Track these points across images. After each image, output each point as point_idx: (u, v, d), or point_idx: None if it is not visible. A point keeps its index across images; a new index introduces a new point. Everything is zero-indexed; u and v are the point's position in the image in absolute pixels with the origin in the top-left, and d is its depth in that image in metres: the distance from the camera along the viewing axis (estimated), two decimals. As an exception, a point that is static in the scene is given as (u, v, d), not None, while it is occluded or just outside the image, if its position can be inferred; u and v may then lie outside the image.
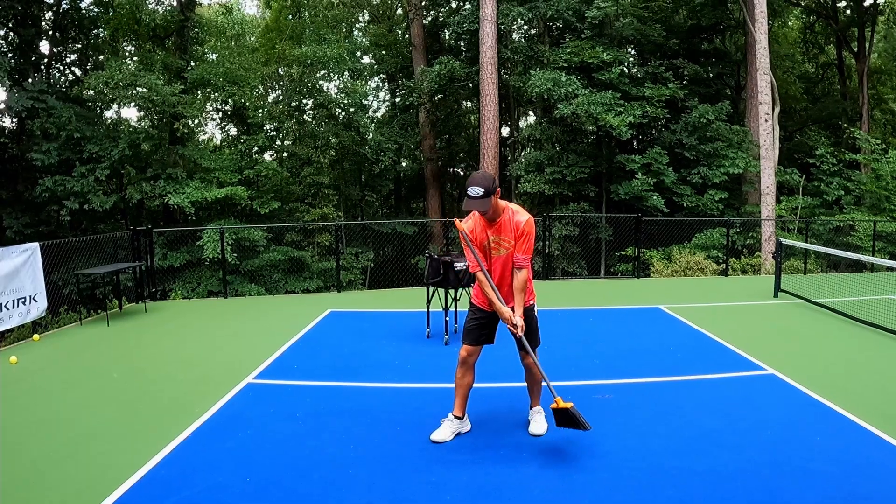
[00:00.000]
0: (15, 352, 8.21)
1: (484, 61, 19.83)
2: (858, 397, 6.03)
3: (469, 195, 4.62)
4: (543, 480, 4.44)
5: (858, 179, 22.07)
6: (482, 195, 4.59)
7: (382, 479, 4.48)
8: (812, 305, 10.80)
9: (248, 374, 6.96)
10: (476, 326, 5.08)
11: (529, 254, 4.87)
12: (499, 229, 4.85)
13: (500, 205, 4.82)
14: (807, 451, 4.87)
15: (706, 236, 19.10)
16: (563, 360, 7.35)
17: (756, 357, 7.47)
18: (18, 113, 18.19)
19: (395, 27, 29.79)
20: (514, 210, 4.86)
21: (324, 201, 22.56)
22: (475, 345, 5.07)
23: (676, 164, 20.74)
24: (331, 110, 22.75)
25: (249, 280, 18.58)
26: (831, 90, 30.90)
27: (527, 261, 4.87)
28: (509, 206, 4.86)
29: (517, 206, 4.91)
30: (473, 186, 4.60)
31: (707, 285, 14.13)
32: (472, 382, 5.13)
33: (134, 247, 12.12)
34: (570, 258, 21.05)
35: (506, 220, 4.83)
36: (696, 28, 24.90)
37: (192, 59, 21.81)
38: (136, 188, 18.58)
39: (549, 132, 21.64)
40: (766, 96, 18.54)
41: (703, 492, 4.25)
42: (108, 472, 4.59)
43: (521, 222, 4.81)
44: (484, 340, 5.11)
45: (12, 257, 9.08)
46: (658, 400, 6.05)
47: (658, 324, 9.66)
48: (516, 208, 4.88)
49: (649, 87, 20.40)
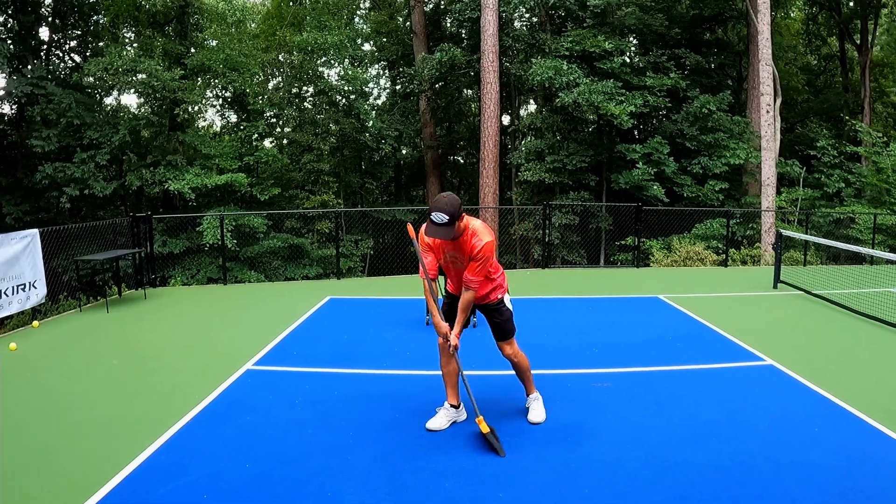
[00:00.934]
0: (14, 338, 8.21)
1: (485, 49, 19.75)
2: (857, 389, 6.04)
3: (432, 220, 4.45)
4: (542, 468, 4.45)
5: (859, 172, 22.02)
6: (446, 222, 4.43)
7: (381, 465, 4.50)
8: (811, 297, 10.81)
9: (248, 361, 6.97)
10: (448, 311, 5.08)
11: (480, 276, 4.72)
12: (456, 247, 4.74)
13: (463, 224, 4.65)
14: (805, 442, 4.87)
15: (706, 227, 19.08)
16: (562, 349, 7.36)
17: (755, 348, 7.48)
18: (18, 99, 18.14)
19: (397, 14, 29.69)
20: (475, 230, 4.68)
21: (324, 188, 22.55)
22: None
23: (677, 154, 20.70)
24: (331, 97, 22.70)
25: (249, 267, 18.59)
26: (833, 82, 30.80)
27: (475, 283, 4.73)
28: (471, 226, 4.69)
29: (481, 226, 4.73)
30: (438, 213, 4.42)
31: (707, 275, 14.13)
32: (457, 369, 5.08)
33: (133, 233, 12.12)
34: (569, 247, 21.05)
35: (464, 241, 4.69)
36: (698, 18, 24.80)
37: (193, 46, 21.72)
38: (135, 175, 18.55)
39: (550, 121, 21.58)
40: (767, 87, 18.48)
41: (700, 482, 4.25)
42: (107, 458, 4.60)
43: (476, 246, 4.64)
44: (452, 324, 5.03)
45: (12, 244, 9.08)
46: (656, 389, 6.06)
47: (657, 313, 9.67)
48: (479, 229, 4.70)
49: (651, 76, 20.34)
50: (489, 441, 4.74)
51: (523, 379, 5.31)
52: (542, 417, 5.25)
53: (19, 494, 4.12)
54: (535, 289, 11.92)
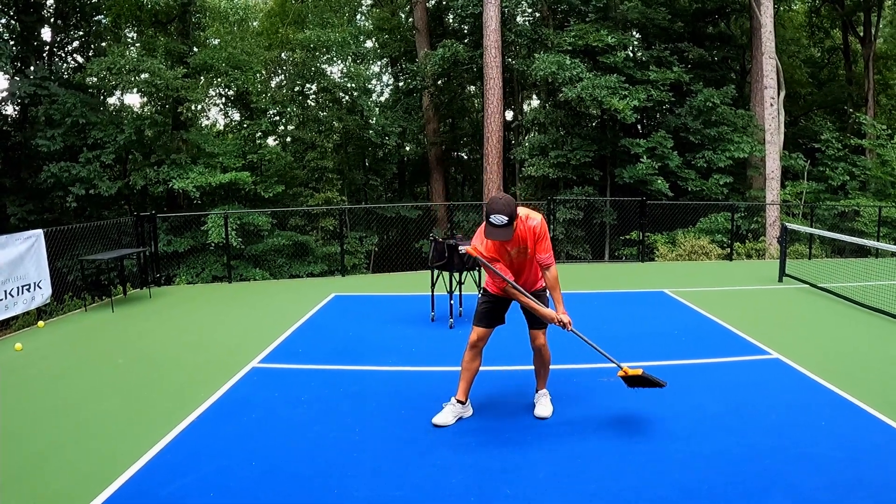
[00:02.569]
0: (20, 339, 8.24)
1: (488, 44, 19.72)
2: (864, 382, 6.02)
3: (492, 223, 4.50)
4: (549, 463, 4.45)
5: (864, 165, 21.98)
6: (506, 223, 4.50)
7: (388, 461, 4.50)
8: (817, 290, 10.78)
9: (253, 359, 6.98)
10: (487, 310, 5.06)
11: (550, 251, 4.87)
12: (516, 241, 4.78)
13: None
14: (812, 435, 4.87)
15: (711, 220, 19.05)
16: (567, 343, 7.32)
17: (761, 341, 7.46)
18: (21, 100, 18.17)
19: (399, 11, 29.65)
20: (526, 215, 4.76)
21: (328, 186, 22.52)
22: (488, 328, 5.06)
23: (681, 148, 20.67)
24: (334, 94, 22.68)
25: (254, 264, 18.60)
26: (837, 75, 30.66)
27: (550, 258, 4.86)
28: (520, 214, 4.75)
29: (525, 210, 4.81)
30: (497, 215, 4.47)
31: (711, 269, 14.10)
32: (479, 367, 5.13)
33: (138, 232, 12.13)
34: (574, 242, 21.04)
35: (521, 231, 4.74)
36: (701, 11, 24.71)
37: (195, 45, 21.72)
38: (139, 174, 18.57)
39: (554, 116, 21.56)
40: (771, 80, 18.43)
41: (708, 475, 4.25)
42: (113, 456, 4.61)
43: (534, 227, 4.75)
44: (496, 323, 5.10)
45: (16, 244, 9.10)
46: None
47: (662, 308, 9.66)
48: (527, 211, 4.80)
49: (654, 70, 20.30)
50: (648, 380, 4.96)
51: (541, 373, 5.34)
52: (548, 412, 5.26)
53: (27, 493, 4.13)
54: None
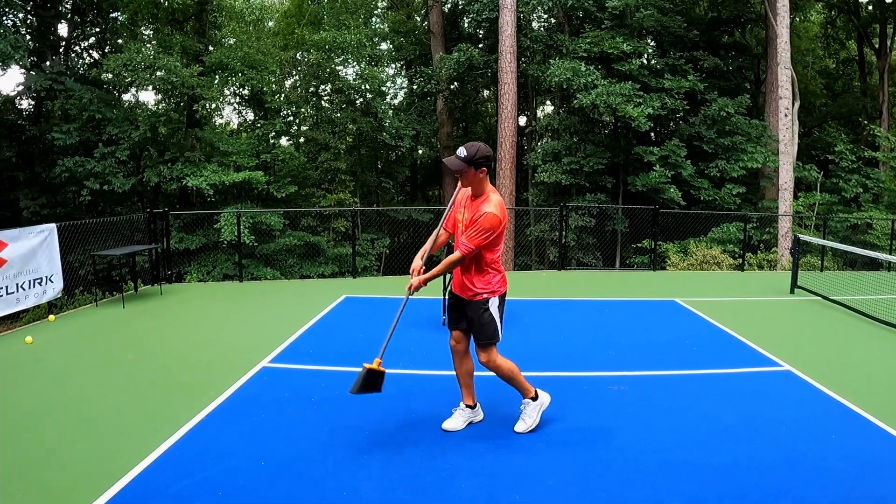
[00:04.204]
0: (30, 332, 8.26)
1: (503, 49, 19.75)
2: (875, 396, 5.97)
3: (456, 154, 4.51)
4: (558, 470, 4.44)
5: (877, 177, 21.87)
6: (462, 157, 4.47)
7: (398, 465, 4.49)
8: (828, 303, 10.70)
9: (263, 358, 6.98)
10: (449, 307, 5.00)
11: (474, 242, 4.53)
12: (469, 208, 4.65)
13: (484, 188, 4.62)
14: (822, 448, 4.83)
15: (723, 230, 18.99)
16: (578, 351, 7.34)
17: (772, 353, 7.41)
18: (37, 94, 18.29)
19: (414, 14, 29.72)
20: (490, 200, 4.57)
21: (340, 187, 22.60)
22: (454, 328, 4.94)
23: (694, 157, 20.63)
24: (349, 96, 22.74)
25: (265, 264, 18.67)
26: (851, 86, 30.57)
27: (466, 247, 4.55)
28: (490, 196, 4.59)
29: (497, 201, 4.58)
30: (462, 147, 4.52)
31: (723, 280, 14.03)
32: (470, 370, 5.02)
33: (150, 229, 12.16)
34: (585, 249, 21.01)
35: (476, 205, 4.59)
36: (716, 20, 24.70)
37: (211, 44, 21.84)
38: (153, 171, 18.66)
39: (567, 122, 21.57)
40: (786, 91, 18.37)
41: (716, 487, 4.23)
42: (122, 453, 4.61)
43: (481, 211, 4.52)
44: (462, 320, 4.88)
45: (29, 238, 9.13)
46: (672, 393, 6.02)
47: (673, 317, 9.62)
48: (494, 201, 4.57)
49: (669, 78, 20.27)
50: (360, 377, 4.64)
51: (512, 385, 5.02)
52: (524, 428, 5.02)
53: (35, 488, 4.14)
54: (551, 290, 11.88)
